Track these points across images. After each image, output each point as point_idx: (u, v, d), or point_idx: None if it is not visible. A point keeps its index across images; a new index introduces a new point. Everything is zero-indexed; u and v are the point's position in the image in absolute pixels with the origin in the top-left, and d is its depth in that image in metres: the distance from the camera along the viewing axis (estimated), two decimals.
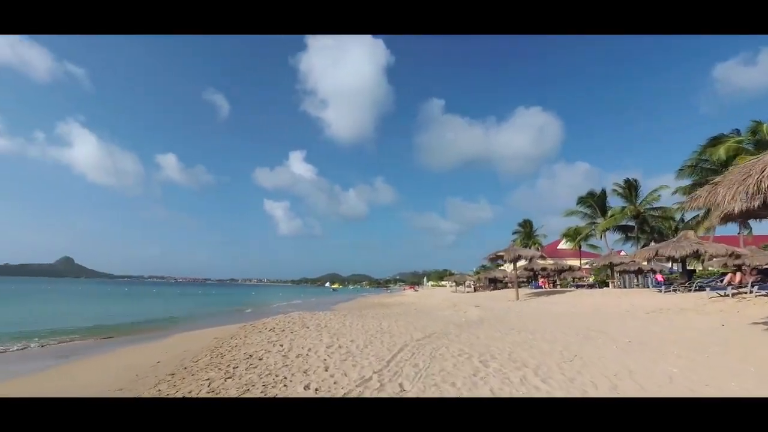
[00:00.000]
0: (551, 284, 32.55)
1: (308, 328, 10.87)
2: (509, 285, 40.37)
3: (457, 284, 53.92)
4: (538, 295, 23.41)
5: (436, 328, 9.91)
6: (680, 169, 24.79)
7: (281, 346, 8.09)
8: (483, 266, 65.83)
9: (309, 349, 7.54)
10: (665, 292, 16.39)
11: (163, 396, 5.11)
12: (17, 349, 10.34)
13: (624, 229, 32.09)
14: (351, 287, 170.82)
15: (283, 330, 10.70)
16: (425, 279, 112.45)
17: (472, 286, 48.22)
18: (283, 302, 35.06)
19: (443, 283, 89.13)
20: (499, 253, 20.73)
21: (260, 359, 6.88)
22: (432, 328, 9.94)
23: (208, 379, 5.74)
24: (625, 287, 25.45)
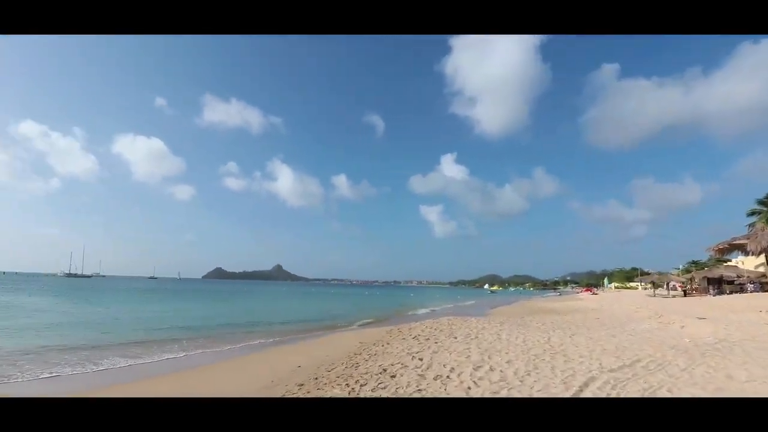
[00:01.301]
0: None
1: (455, 338, 9.33)
2: (749, 288, 28.40)
3: (655, 286, 41.92)
4: None
5: (640, 352, 6.75)
6: None
7: (420, 360, 6.84)
8: (694, 262, 49.48)
9: (452, 369, 6.02)
10: None
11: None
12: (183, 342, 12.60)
13: None
14: (512, 289, 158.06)
15: (428, 339, 9.50)
16: (606, 279, 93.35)
17: (680, 289, 36.36)
18: (437, 305, 34.44)
19: (632, 284, 71.57)
20: (737, 241, 14.08)
21: (393, 376, 5.79)
22: (633, 352, 6.82)
23: (330, 397, 4.94)
24: None
